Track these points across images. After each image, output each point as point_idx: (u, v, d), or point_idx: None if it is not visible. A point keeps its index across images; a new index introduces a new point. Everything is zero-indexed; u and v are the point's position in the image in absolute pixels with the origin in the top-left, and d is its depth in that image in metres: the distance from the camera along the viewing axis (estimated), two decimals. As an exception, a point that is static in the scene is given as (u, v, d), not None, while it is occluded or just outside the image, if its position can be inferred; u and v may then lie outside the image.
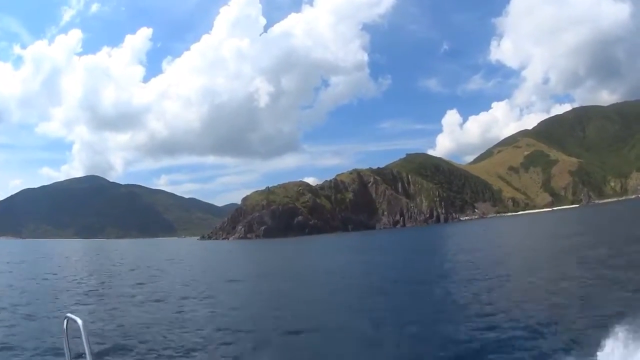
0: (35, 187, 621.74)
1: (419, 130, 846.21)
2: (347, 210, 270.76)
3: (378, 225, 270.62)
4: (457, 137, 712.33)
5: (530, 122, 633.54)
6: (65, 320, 5.39)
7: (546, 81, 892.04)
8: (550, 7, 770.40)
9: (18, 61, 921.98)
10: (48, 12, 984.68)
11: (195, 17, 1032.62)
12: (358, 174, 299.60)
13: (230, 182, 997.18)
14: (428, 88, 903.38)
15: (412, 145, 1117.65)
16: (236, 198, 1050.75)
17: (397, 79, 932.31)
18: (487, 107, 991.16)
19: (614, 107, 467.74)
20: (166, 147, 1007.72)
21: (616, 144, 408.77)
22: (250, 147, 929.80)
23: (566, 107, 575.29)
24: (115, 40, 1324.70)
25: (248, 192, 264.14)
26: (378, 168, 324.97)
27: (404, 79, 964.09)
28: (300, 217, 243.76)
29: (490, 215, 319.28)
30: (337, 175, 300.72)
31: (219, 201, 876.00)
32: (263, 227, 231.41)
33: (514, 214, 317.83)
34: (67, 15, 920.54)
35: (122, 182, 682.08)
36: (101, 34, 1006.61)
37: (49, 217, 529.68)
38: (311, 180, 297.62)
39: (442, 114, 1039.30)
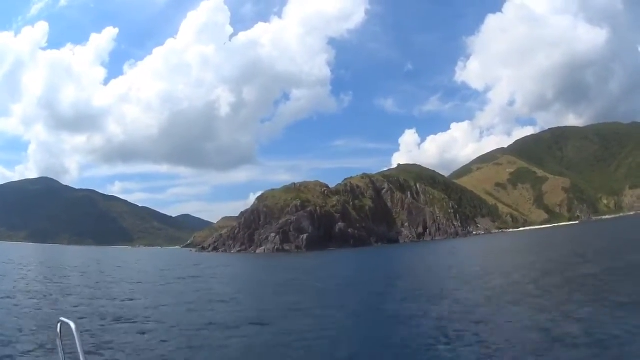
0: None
1: (373, 150, 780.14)
2: (367, 219, 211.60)
3: (401, 239, 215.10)
4: (414, 156, 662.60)
5: (489, 144, 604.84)
6: (59, 324, 5.32)
7: (512, 103, 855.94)
8: (525, 28, 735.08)
9: None
10: (17, 1, 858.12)
11: (162, 20, 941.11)
12: (370, 179, 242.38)
13: (181, 194, 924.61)
14: (384, 108, 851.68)
15: (366, 164, 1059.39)
16: (188, 209, 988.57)
17: (358, 97, 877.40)
18: (447, 129, 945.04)
19: (590, 128, 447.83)
20: (122, 152, 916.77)
21: (598, 163, 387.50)
22: (206, 157, 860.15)
23: (528, 130, 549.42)
24: (80, 37, 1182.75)
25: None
26: (384, 174, 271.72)
27: (364, 97, 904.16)
28: (341, 224, 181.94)
29: (494, 231, 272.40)
30: (346, 179, 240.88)
31: (171, 212, 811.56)
32: (304, 236, 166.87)
33: (515, 230, 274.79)
34: (36, 7, 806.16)
35: (76, 187, 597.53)
36: (67, 30, 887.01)
37: (1, 219, 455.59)
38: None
39: (398, 134, 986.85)
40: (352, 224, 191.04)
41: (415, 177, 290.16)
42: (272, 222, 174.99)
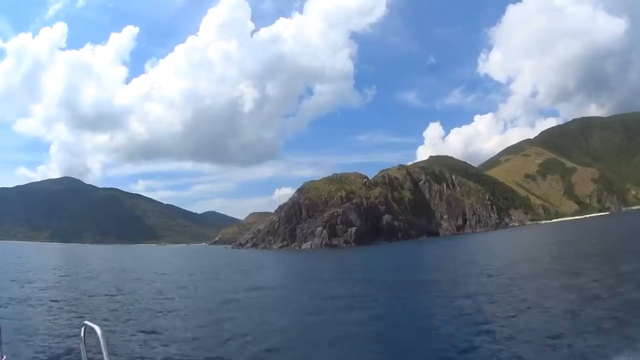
0: (11, 186, 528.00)
1: (397, 144, 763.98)
2: (406, 211, 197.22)
3: (440, 231, 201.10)
4: (439, 149, 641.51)
5: (513, 136, 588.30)
6: (83, 328, 5.00)
7: (534, 94, 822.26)
8: (546, 18, 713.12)
9: (0, 54, 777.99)
10: (34, 3, 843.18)
11: (182, 17, 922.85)
12: (407, 171, 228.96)
13: (205, 191, 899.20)
14: (407, 101, 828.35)
15: (390, 159, 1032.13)
16: (212, 206, 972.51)
17: (381, 91, 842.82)
18: (471, 121, 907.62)
19: (614, 118, 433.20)
20: (145, 150, 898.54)
21: (623, 153, 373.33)
22: (230, 154, 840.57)
23: (551, 122, 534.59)
24: (99, 37, 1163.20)
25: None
26: (419, 165, 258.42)
27: (388, 91, 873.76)
28: (387, 217, 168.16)
29: (528, 223, 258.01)
30: (382, 170, 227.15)
31: (195, 209, 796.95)
32: (353, 229, 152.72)
33: (548, 221, 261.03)
34: (54, 8, 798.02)
35: (99, 186, 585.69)
36: (86, 30, 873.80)
37: (24, 219, 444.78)
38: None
39: (421, 127, 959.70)
40: (395, 216, 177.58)
41: (448, 168, 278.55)
42: (315, 215, 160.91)
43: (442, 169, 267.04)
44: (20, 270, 55.32)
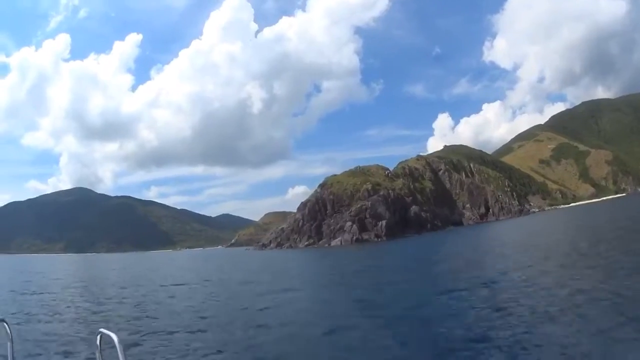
0: (22, 200, 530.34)
1: (407, 136, 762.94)
2: (429, 202, 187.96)
3: (464, 220, 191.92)
4: (449, 140, 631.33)
5: (522, 123, 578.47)
6: (99, 336, 4.89)
7: (541, 80, 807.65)
8: (549, 2, 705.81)
9: (4, 69, 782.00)
10: (35, 17, 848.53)
11: (185, 22, 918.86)
12: (426, 161, 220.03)
13: (217, 194, 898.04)
14: (415, 93, 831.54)
15: (402, 152, 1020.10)
16: (226, 209, 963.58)
17: (388, 85, 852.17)
18: (479, 110, 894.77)
19: (622, 99, 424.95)
20: (156, 157, 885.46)
21: (634, 134, 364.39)
22: (241, 156, 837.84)
23: (559, 107, 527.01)
24: (103, 46, 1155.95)
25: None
26: (437, 155, 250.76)
27: (395, 84, 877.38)
28: (415, 208, 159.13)
29: (547, 208, 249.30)
30: (401, 162, 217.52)
31: (209, 212, 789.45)
32: (383, 223, 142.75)
33: (566, 205, 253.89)
34: (55, 20, 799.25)
35: (112, 195, 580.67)
36: (89, 40, 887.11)
37: (37, 231, 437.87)
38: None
39: (430, 119, 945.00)
40: (421, 207, 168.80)
41: (465, 157, 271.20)
42: (341, 210, 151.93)
43: (459, 157, 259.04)
44: (22, 289, 45.76)
